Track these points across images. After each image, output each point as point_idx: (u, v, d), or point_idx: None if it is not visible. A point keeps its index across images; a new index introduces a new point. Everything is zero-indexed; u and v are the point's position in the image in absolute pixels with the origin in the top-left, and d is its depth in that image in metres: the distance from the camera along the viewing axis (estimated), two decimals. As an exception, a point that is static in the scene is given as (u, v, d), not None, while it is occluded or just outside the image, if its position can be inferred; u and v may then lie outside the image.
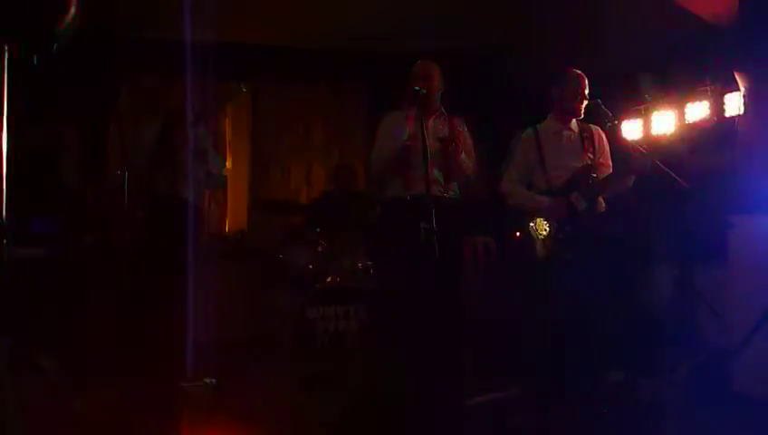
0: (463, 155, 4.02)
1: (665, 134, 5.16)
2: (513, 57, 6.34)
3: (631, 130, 5.49)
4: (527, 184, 4.16)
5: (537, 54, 5.81)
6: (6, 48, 1.99)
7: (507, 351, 4.31)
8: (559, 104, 4.14)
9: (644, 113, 5.48)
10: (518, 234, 4.76)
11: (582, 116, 4.11)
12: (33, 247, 3.44)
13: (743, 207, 4.17)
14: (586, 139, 4.11)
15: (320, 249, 5.08)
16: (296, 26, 5.93)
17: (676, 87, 5.19)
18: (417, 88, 3.90)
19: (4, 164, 2.00)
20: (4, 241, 1.99)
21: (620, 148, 4.23)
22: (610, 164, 4.16)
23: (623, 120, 5.41)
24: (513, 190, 4.16)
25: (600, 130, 4.19)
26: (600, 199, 4.07)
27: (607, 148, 4.19)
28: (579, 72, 4.10)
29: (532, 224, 4.00)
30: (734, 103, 4.65)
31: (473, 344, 4.24)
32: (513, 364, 4.17)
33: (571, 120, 4.14)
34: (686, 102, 5.08)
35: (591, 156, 4.09)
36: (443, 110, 4.16)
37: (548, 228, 3.93)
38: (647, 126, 5.45)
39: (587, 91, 4.05)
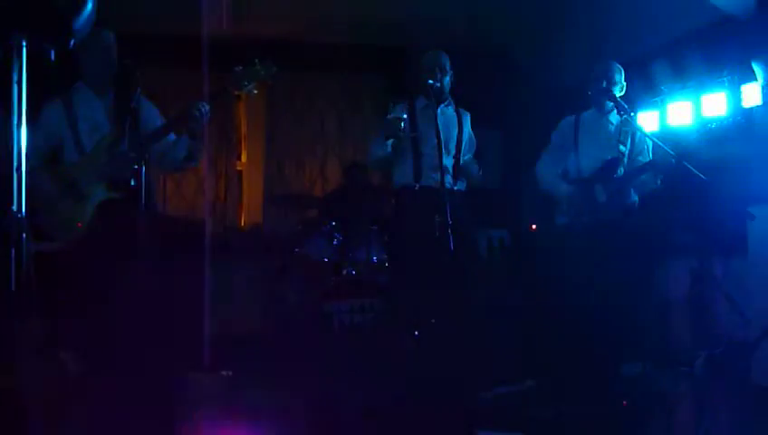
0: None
1: (681, 125, 5.13)
2: (528, 49, 6.31)
3: (647, 121, 5.46)
4: (562, 170, 4.20)
5: (552, 45, 5.79)
6: (25, 43, 2.00)
7: (523, 343, 4.31)
8: (593, 96, 4.17)
9: (660, 104, 5.44)
10: (534, 226, 4.78)
11: (613, 100, 4.09)
12: (47, 241, 3.44)
13: (762, 198, 4.14)
14: (623, 133, 4.12)
15: (335, 243, 5.09)
16: (311, 20, 5.94)
17: (692, 78, 5.15)
18: (431, 81, 3.91)
19: (24, 159, 2.02)
20: (24, 235, 2.00)
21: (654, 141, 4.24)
22: (647, 157, 4.14)
23: (639, 111, 5.37)
24: (544, 175, 4.22)
25: (636, 122, 4.19)
26: (630, 193, 4.06)
27: (647, 144, 4.16)
28: (607, 60, 4.12)
29: (555, 210, 4.05)
30: (751, 94, 4.60)
31: (488, 337, 4.24)
32: (528, 357, 4.16)
33: (610, 111, 4.15)
34: (703, 93, 5.04)
35: (626, 148, 4.10)
36: (451, 99, 4.17)
37: (569, 216, 3.97)
38: (663, 117, 5.41)
39: (615, 77, 4.06)
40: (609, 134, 4.14)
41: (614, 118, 4.16)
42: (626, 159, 4.08)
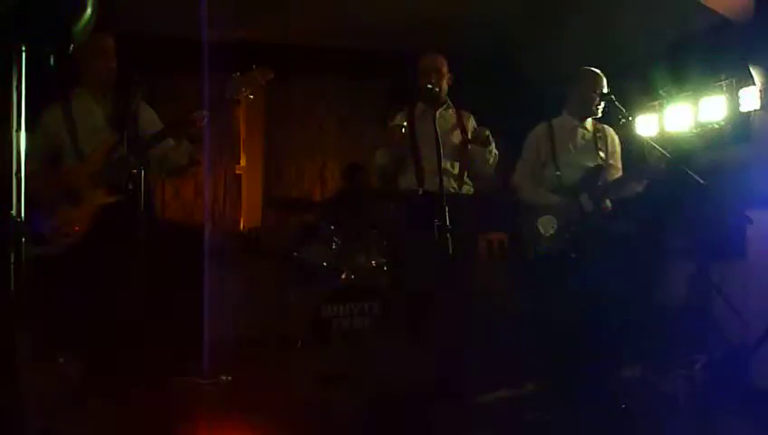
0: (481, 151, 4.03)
1: (679, 130, 5.14)
2: (527, 52, 6.32)
3: (646, 125, 5.46)
4: (539, 179, 4.16)
5: (551, 49, 5.80)
6: (24, 49, 2.00)
7: (522, 347, 4.31)
8: (575, 102, 4.14)
9: (658, 109, 5.45)
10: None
11: (599, 115, 4.10)
12: (46, 245, 3.45)
13: (760, 202, 4.15)
14: (599, 139, 4.12)
15: (334, 247, 5.09)
16: (310, 24, 5.95)
17: (690, 82, 5.16)
18: (430, 86, 3.91)
19: (23, 164, 2.02)
20: (23, 239, 2.00)
21: (635, 147, 4.23)
22: (620, 167, 4.16)
23: (637, 115, 5.38)
24: (524, 185, 4.17)
25: (613, 132, 4.20)
26: (615, 199, 4.07)
27: (618, 150, 4.19)
28: (596, 70, 4.09)
29: (539, 220, 4.03)
30: (749, 98, 4.61)
31: (487, 341, 4.24)
32: (527, 361, 4.16)
33: (586, 119, 4.14)
34: (701, 97, 5.04)
35: (603, 156, 4.10)
36: (450, 102, 4.17)
37: (554, 226, 3.95)
38: (661, 121, 5.42)
39: (605, 91, 4.03)
40: (587, 141, 4.13)
41: (589, 124, 4.16)
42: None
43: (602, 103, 4.02)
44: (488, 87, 6.10)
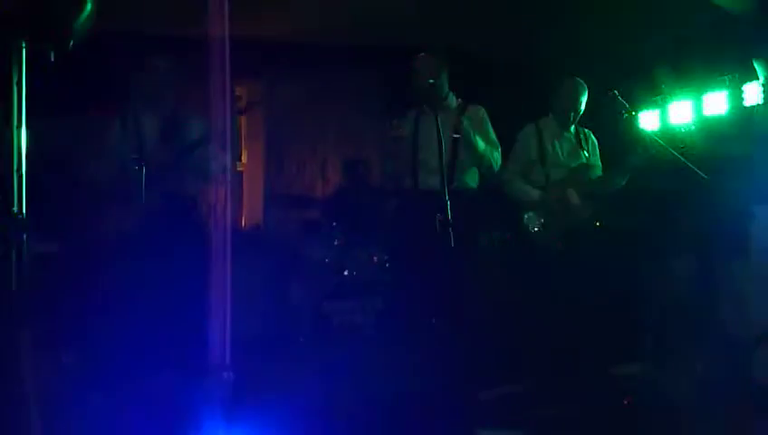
0: (480, 143, 4.01)
1: (682, 125, 5.13)
2: (529, 50, 6.31)
3: (648, 120, 5.45)
4: (526, 177, 4.26)
5: (555, 48, 5.79)
6: (24, 45, 2.00)
7: (525, 342, 4.31)
8: (558, 107, 4.24)
9: (661, 103, 5.44)
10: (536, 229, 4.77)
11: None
12: (50, 242, 3.48)
13: (764, 197, 4.14)
14: (581, 140, 4.24)
15: (336, 243, 5.09)
16: (311, 21, 5.93)
17: (693, 76, 5.15)
18: (431, 81, 3.89)
19: (24, 160, 2.02)
20: (25, 236, 2.00)
21: (620, 141, 4.31)
22: (600, 165, 4.27)
23: (640, 110, 5.37)
24: (511, 182, 4.25)
25: (592, 134, 4.31)
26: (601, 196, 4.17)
27: (597, 150, 4.37)
28: (580, 81, 4.19)
29: (525, 216, 4.10)
30: (752, 93, 4.60)
31: (489, 336, 4.24)
32: (530, 356, 4.16)
33: (569, 124, 4.24)
34: (704, 92, 5.03)
35: (587, 156, 4.22)
36: (449, 100, 4.16)
37: (540, 222, 4.02)
38: (664, 116, 5.41)
39: (584, 102, 4.14)
40: (572, 142, 4.23)
41: (572, 128, 4.27)
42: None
43: (580, 113, 4.15)
44: (489, 84, 6.09)
